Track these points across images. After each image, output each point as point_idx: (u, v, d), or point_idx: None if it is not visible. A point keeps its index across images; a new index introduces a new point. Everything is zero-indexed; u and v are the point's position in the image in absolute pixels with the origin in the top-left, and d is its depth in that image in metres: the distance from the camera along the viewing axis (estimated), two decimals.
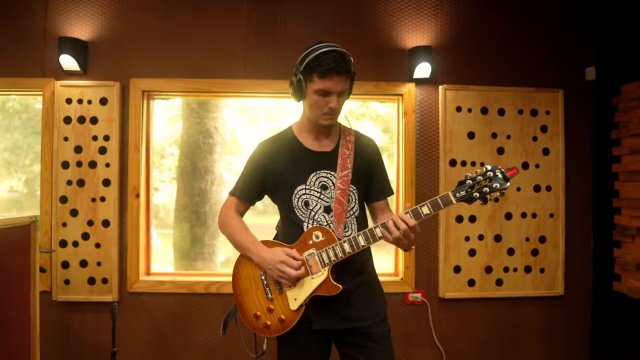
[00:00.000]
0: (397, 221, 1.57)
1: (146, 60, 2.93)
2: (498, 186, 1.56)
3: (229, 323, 1.86)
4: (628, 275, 2.75)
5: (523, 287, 3.03)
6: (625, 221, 2.77)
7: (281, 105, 3.48)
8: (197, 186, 3.79)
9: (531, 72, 3.05)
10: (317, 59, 1.64)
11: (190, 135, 3.83)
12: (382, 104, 3.43)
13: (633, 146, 2.70)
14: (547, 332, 3.07)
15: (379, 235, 1.62)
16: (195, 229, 3.76)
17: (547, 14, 3.07)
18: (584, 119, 3.09)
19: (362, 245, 1.64)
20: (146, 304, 2.91)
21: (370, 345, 1.70)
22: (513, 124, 3.03)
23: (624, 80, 2.79)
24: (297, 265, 1.64)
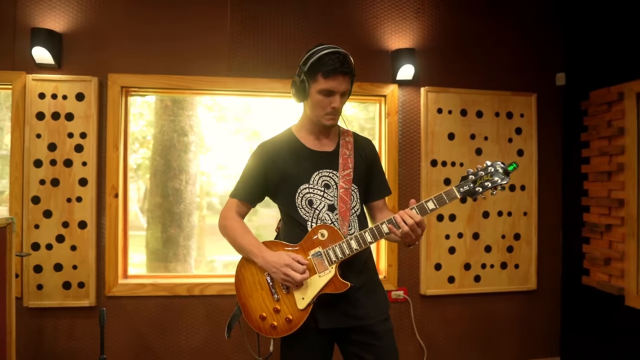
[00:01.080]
0: (404, 217, 1.60)
1: (125, 55, 2.82)
2: (499, 180, 1.62)
3: (233, 326, 1.83)
4: (597, 269, 2.92)
5: (499, 283, 3.16)
6: (594, 219, 2.94)
7: (246, 105, 3.46)
8: (172, 185, 3.70)
9: (507, 77, 3.19)
10: (322, 59, 1.64)
11: (164, 133, 3.73)
12: (349, 105, 3.48)
13: (602, 148, 2.87)
14: (521, 326, 3.21)
15: (386, 231, 1.64)
16: (169, 229, 3.66)
17: (521, 21, 3.21)
18: (555, 122, 3.26)
19: (369, 241, 1.65)
20: (126, 308, 2.80)
21: (376, 343, 1.72)
22: (490, 126, 3.14)
23: (593, 86, 2.96)
24: (302, 269, 1.63)
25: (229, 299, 2.91)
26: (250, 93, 3.01)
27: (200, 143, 4.08)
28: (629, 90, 2.68)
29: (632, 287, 2.67)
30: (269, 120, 3.92)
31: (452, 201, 1.64)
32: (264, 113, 3.85)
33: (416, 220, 1.59)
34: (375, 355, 1.71)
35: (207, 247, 3.83)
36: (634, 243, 2.66)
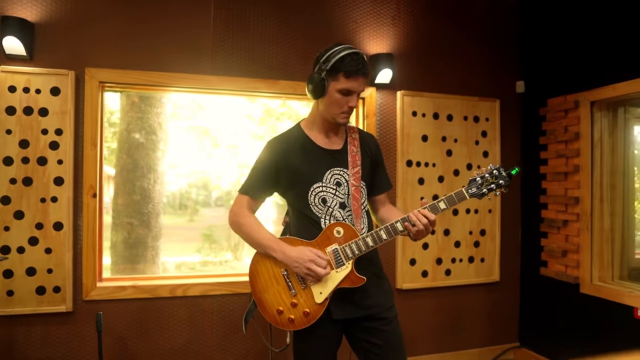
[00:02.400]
0: (418, 216, 1.71)
1: (103, 49, 2.71)
2: (503, 183, 1.77)
3: (249, 320, 1.85)
4: (554, 261, 3.21)
5: (467, 276, 3.38)
6: (551, 215, 3.23)
7: (197, 103, 3.47)
8: (139, 185, 3.60)
9: (474, 83, 3.41)
10: (344, 60, 1.71)
11: (132, 131, 3.62)
12: (302, 104, 3.59)
13: (559, 151, 3.17)
14: (486, 315, 3.46)
15: (401, 229, 1.74)
16: (137, 230, 3.56)
17: (486, 31, 3.46)
18: (516, 126, 3.53)
19: (384, 239, 1.74)
20: (104, 313, 2.69)
21: (384, 329, 1.81)
22: (459, 129, 3.35)
23: (550, 94, 3.25)
24: (324, 264, 1.69)
25: (212, 299, 2.88)
26: (233, 92, 3.00)
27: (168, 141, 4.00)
28: (583, 99, 2.98)
29: (586, 276, 2.97)
30: (222, 118, 3.95)
31: (461, 202, 1.76)
32: (217, 111, 3.86)
33: (431, 219, 1.70)
34: (384, 340, 1.80)
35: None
36: (588, 236, 2.96)
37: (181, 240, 4.31)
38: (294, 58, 3.06)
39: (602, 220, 2.96)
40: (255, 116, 6.04)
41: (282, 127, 7.01)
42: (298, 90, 3.04)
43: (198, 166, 4.12)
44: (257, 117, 6.03)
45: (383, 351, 1.80)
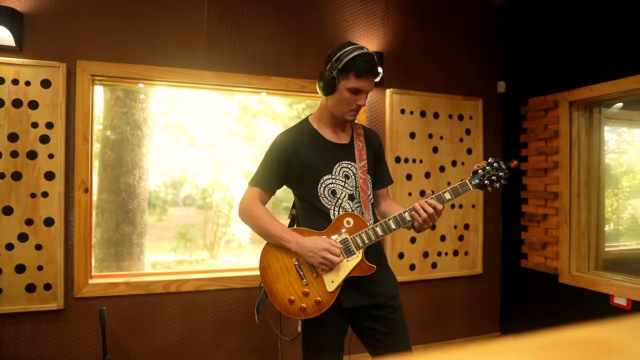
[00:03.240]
0: (424, 206, 1.78)
1: (95, 41, 2.66)
2: (503, 175, 1.86)
3: (260, 309, 1.87)
4: (534, 253, 3.37)
5: (452, 269, 3.49)
6: (532, 209, 3.39)
7: (178, 97, 3.47)
8: (124, 181, 3.55)
9: (458, 82, 3.53)
10: (355, 59, 1.76)
11: (116, 126, 3.57)
12: (279, 102, 3.64)
13: (539, 148, 3.32)
14: (469, 306, 3.58)
15: (409, 219, 1.80)
16: (122, 227, 3.50)
17: (470, 32, 3.59)
18: (498, 125, 3.68)
19: (393, 228, 1.80)
20: (96, 310, 2.64)
21: (390, 317, 1.88)
22: (445, 127, 3.47)
23: (530, 94, 3.41)
24: (338, 252, 1.74)
25: (205, 295, 2.88)
26: (227, 88, 3.01)
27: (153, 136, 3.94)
28: (562, 99, 3.15)
29: (565, 267, 3.14)
30: (198, 115, 3.94)
31: (465, 192, 1.84)
32: (193, 107, 3.86)
33: (438, 208, 1.78)
34: (390, 327, 1.87)
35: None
36: (566, 229, 3.13)
37: (153, 240, 4.27)
38: (287, 55, 3.09)
39: (579, 214, 3.13)
40: (232, 113, 6.02)
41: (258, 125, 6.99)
42: (290, 86, 3.08)
43: (174, 164, 4.09)
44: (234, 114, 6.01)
45: (389, 339, 1.86)
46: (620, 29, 2.81)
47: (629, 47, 2.75)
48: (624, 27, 2.79)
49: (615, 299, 2.79)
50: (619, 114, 3.34)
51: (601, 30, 2.92)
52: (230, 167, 6.35)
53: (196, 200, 4.65)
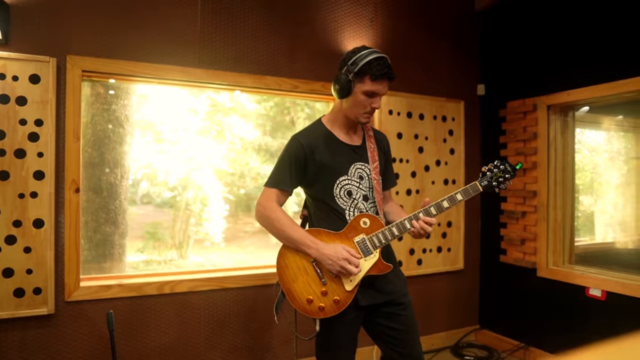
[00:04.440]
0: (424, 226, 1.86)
1: (86, 36, 2.57)
2: (509, 176, 1.96)
3: (279, 309, 1.89)
4: (513, 249, 3.54)
5: (435, 265, 3.62)
6: (511, 207, 3.56)
7: (145, 94, 3.44)
8: (106, 180, 3.45)
9: (442, 84, 3.65)
10: (371, 63, 1.80)
11: (97, 123, 3.45)
12: (249, 99, 3.68)
13: (518, 149, 3.50)
14: (451, 300, 3.72)
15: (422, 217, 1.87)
16: (103, 227, 3.40)
17: (452, 36, 3.71)
18: (478, 126, 3.83)
19: (408, 228, 1.87)
20: (88, 314, 2.56)
21: (402, 313, 1.94)
22: (429, 127, 3.58)
23: (509, 97, 3.58)
24: (357, 262, 1.78)
25: (199, 295, 2.85)
26: (220, 86, 2.98)
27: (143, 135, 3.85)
28: (541, 103, 3.32)
29: (542, 261, 3.32)
30: (166, 111, 3.89)
31: (476, 193, 1.93)
32: (161, 104, 3.81)
33: (446, 207, 1.86)
34: (402, 324, 1.94)
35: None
36: (544, 226, 3.31)
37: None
38: (280, 54, 3.09)
39: (555, 211, 3.32)
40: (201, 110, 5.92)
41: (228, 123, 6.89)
42: (283, 86, 3.08)
43: (143, 161, 4.01)
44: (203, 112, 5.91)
45: (401, 334, 1.93)
46: (596, 38, 3.00)
47: (605, 56, 2.94)
48: (600, 36, 2.98)
49: (591, 291, 2.99)
50: (585, 117, 3.56)
51: (578, 38, 3.11)
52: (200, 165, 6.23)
53: (154, 199, 4.58)
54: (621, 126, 3.81)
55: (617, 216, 3.68)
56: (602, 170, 3.79)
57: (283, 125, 7.22)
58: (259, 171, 6.69)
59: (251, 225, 7.47)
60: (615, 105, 3.30)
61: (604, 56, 2.95)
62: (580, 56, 3.10)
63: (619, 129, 3.81)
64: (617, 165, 3.76)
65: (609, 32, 2.93)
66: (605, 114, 3.65)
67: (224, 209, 6.29)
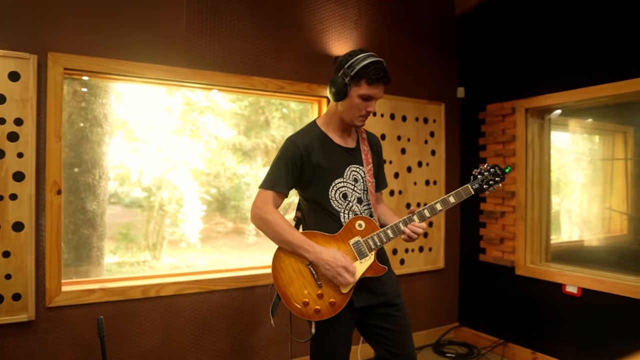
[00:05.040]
0: (427, 210, 1.90)
1: (68, 32, 2.49)
2: (499, 179, 2.01)
3: (275, 312, 1.88)
4: (492, 248, 3.64)
5: (417, 264, 3.68)
6: (490, 207, 3.66)
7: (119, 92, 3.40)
8: (84, 181, 3.36)
9: (424, 87, 3.72)
10: (367, 67, 1.82)
11: (75, 122, 3.36)
12: (225, 98, 3.69)
13: (497, 151, 3.59)
14: (432, 299, 3.80)
15: (417, 221, 1.90)
16: (81, 229, 3.31)
17: (433, 41, 3.78)
18: (458, 128, 3.91)
19: (402, 230, 1.89)
20: (70, 319, 2.49)
21: (396, 314, 1.97)
22: (412, 129, 3.63)
23: (489, 100, 3.67)
24: (355, 271, 1.80)
25: (185, 298, 2.81)
26: (207, 86, 2.94)
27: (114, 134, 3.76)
28: (519, 106, 3.43)
29: (521, 260, 3.43)
30: (139, 109, 3.85)
31: (468, 196, 1.97)
32: (135, 102, 3.76)
33: (439, 210, 1.90)
34: (396, 325, 1.96)
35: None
36: (522, 225, 3.42)
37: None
38: (266, 55, 3.07)
39: (533, 211, 3.43)
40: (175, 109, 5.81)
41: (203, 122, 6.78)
42: (269, 87, 3.07)
43: (116, 161, 3.94)
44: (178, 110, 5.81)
45: (395, 335, 1.96)
46: (573, 44, 3.11)
47: (581, 62, 3.06)
48: (576, 42, 3.09)
49: (567, 288, 3.10)
50: (556, 120, 3.69)
51: (556, 43, 3.22)
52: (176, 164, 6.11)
53: (122, 199, 4.51)
54: (590, 129, 3.97)
55: (584, 215, 3.83)
56: (570, 171, 3.94)
57: (257, 125, 7.15)
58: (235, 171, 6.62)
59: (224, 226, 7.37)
60: (585, 108, 3.43)
61: (580, 62, 3.07)
62: (557, 61, 3.21)
63: (587, 131, 3.96)
64: (584, 165, 3.91)
65: (585, 38, 3.04)
66: (575, 117, 3.79)
67: (201, 209, 6.20)
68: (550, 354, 3.18)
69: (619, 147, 3.71)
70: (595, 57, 2.99)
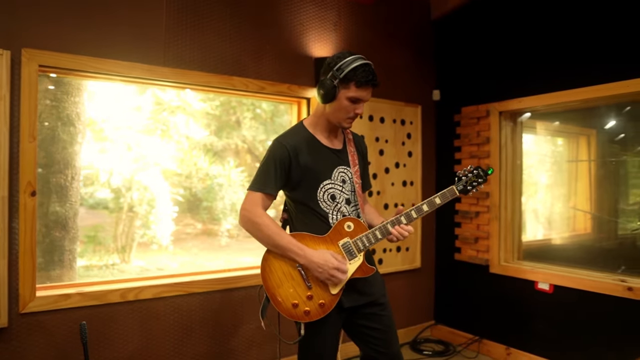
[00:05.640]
0: (414, 211, 1.94)
1: (44, 28, 2.39)
2: (481, 181, 2.06)
3: (265, 314, 1.88)
4: (467, 247, 3.74)
5: (395, 264, 3.74)
6: (465, 207, 3.75)
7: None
8: (55, 182, 3.26)
9: (401, 89, 3.78)
10: (357, 70, 1.84)
11: (45, 121, 3.25)
12: (197, 98, 3.67)
13: (472, 152, 3.69)
14: (408, 298, 3.86)
15: (405, 222, 1.94)
16: (53, 232, 3.21)
17: (409, 44, 3.85)
18: (434, 130, 4.00)
19: (390, 231, 1.92)
20: (45, 326, 2.40)
21: (382, 313, 2.01)
22: (389, 131, 3.69)
23: (464, 103, 3.77)
24: (346, 270, 1.81)
25: (165, 301, 2.75)
26: (187, 86, 2.89)
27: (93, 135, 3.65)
28: (493, 109, 3.53)
29: (495, 258, 3.53)
30: (108, 108, 3.78)
31: (453, 197, 2.02)
32: (104, 100, 3.70)
33: (425, 211, 1.95)
34: (382, 324, 2.00)
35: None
36: (496, 225, 3.53)
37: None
38: (246, 55, 3.05)
39: (506, 211, 3.54)
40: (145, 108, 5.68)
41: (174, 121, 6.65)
42: (250, 87, 3.05)
43: (84, 161, 3.85)
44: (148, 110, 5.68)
45: (381, 334, 1.99)
46: (546, 49, 3.23)
47: (553, 67, 3.18)
48: (549, 48, 3.22)
49: (540, 285, 3.22)
50: (527, 123, 3.83)
51: (529, 49, 3.34)
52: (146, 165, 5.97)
53: (86, 200, 4.40)
54: (556, 131, 4.12)
55: (550, 214, 3.98)
56: (536, 172, 4.09)
57: (228, 125, 7.07)
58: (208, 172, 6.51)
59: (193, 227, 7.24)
60: (553, 112, 3.57)
61: (551, 68, 3.19)
62: (530, 67, 3.32)
63: (553, 133, 4.12)
64: (551, 167, 4.07)
65: (556, 45, 3.17)
66: (543, 120, 3.93)
67: (173, 211, 6.06)
68: (523, 349, 3.30)
69: (583, 149, 3.87)
70: (565, 64, 3.11)
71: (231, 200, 7.25)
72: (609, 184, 3.47)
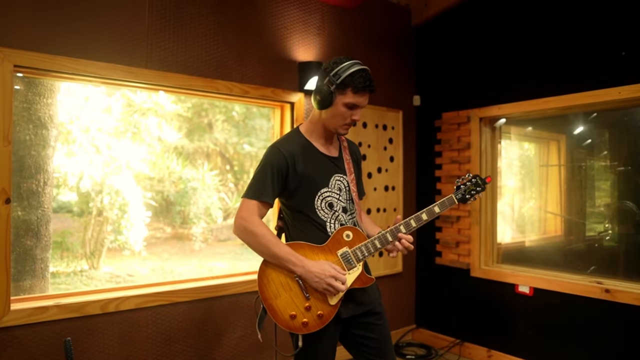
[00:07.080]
0: (413, 220, 1.93)
1: (20, 27, 2.27)
2: (480, 189, 2.07)
3: (262, 326, 1.83)
4: (448, 251, 3.78)
5: (377, 269, 3.74)
6: (446, 212, 3.79)
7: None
8: (26, 187, 3.11)
9: (383, 94, 3.79)
10: (353, 75, 1.82)
11: (16, 124, 3.09)
12: (169, 100, 3.61)
13: (452, 157, 3.74)
14: (390, 302, 3.88)
15: (404, 231, 1.93)
16: (23, 240, 3.05)
17: (391, 50, 3.87)
18: (414, 135, 4.03)
19: (390, 240, 1.91)
20: (20, 341, 2.26)
21: (378, 323, 1.99)
22: (372, 136, 3.69)
23: (444, 109, 3.82)
24: (344, 279, 1.78)
25: (147, 312, 2.66)
26: (169, 89, 2.80)
27: (60, 137, 3.49)
28: (474, 115, 3.59)
29: (476, 262, 3.59)
30: (76, 110, 3.67)
31: (452, 206, 2.01)
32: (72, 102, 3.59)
33: (424, 220, 1.94)
34: (379, 333, 1.98)
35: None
36: (477, 229, 3.59)
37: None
38: (230, 58, 2.99)
39: (486, 215, 3.61)
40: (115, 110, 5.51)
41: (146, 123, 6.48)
42: (234, 91, 2.99)
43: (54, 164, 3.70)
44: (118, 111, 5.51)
45: (377, 344, 1.97)
46: (523, 58, 3.32)
47: (530, 75, 3.27)
48: (526, 57, 3.30)
49: (520, 288, 3.29)
50: (502, 128, 3.92)
51: (507, 57, 3.42)
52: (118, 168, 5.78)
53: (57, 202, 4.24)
54: (528, 137, 4.24)
55: (523, 217, 4.09)
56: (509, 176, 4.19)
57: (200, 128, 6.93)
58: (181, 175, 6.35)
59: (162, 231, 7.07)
60: (527, 119, 3.66)
61: (529, 75, 3.28)
62: (509, 74, 3.40)
63: (526, 139, 4.23)
64: (520, 171, 4.18)
65: (534, 53, 3.26)
66: (516, 126, 4.03)
67: (146, 215, 5.88)
68: (505, 351, 3.36)
69: (553, 154, 3.99)
70: (543, 72, 3.20)
71: (205, 204, 7.09)
72: (578, 188, 3.59)
